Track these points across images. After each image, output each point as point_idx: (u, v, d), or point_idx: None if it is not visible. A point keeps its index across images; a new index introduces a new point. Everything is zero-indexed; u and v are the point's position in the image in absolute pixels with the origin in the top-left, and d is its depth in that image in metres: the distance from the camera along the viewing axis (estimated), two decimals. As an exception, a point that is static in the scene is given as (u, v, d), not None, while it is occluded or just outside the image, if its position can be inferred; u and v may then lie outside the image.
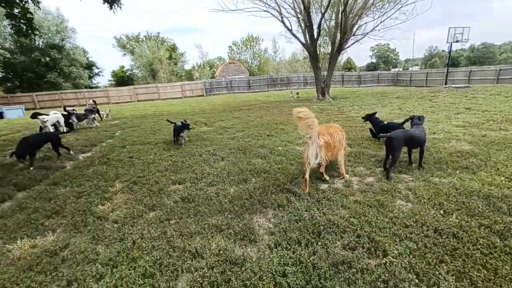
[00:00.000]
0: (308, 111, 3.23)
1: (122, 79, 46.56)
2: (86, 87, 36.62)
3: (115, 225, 2.87)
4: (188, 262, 2.18)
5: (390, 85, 32.65)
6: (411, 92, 16.64)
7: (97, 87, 41.53)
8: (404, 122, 5.13)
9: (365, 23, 15.78)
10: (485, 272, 1.86)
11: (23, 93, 29.95)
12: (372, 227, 2.51)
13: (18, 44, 29.49)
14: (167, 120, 8.29)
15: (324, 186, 3.60)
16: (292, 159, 4.79)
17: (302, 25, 16.04)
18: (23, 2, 8.12)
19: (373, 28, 15.29)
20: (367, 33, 15.50)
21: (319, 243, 2.30)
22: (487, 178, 3.41)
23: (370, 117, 6.12)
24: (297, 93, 19.87)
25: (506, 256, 2.01)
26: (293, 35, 16.58)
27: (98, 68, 42.62)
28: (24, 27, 8.31)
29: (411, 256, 2.09)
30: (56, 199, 3.61)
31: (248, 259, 2.14)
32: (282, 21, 16.04)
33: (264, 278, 1.90)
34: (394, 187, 3.41)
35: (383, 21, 14.88)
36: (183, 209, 3.14)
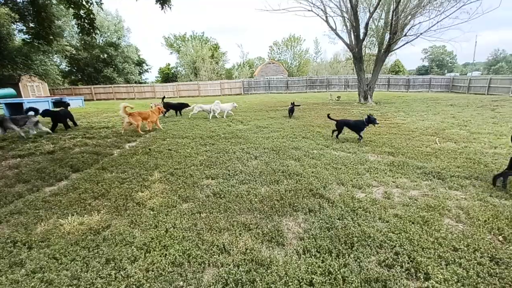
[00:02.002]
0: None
1: (167, 76, 49.69)
2: (136, 82, 39.94)
3: (151, 212, 3.03)
4: (215, 256, 2.20)
5: (443, 91, 29.67)
6: (469, 99, 14.92)
7: (145, 82, 45.00)
8: None
9: (419, 22, 14.59)
10: (558, 317, 1.55)
11: (83, 86, 33.80)
12: (413, 246, 2.27)
13: (82, 42, 33.23)
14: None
15: (361, 195, 3.38)
16: (327, 164, 4.60)
17: (348, 24, 15.37)
18: (89, 4, 9.10)
19: (428, 28, 13.99)
20: (421, 34, 14.25)
21: (352, 256, 2.15)
22: None
23: None
24: (338, 96, 18.92)
25: None
26: (337, 35, 16.00)
27: (147, 65, 46.20)
28: (87, 26, 9.31)
29: (459, 283, 1.83)
30: (103, 183, 3.96)
31: (274, 262, 2.08)
32: (327, 21, 15.57)
33: (290, 284, 1.83)
34: (443, 203, 3.06)
35: (441, 20, 13.52)
36: (214, 204, 3.20)
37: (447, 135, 6.55)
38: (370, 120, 6.00)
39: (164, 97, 13.02)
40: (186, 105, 12.31)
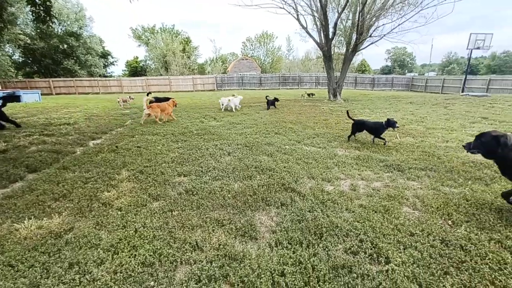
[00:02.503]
0: None
1: (135, 70, 47.23)
2: (100, 75, 37.35)
3: (119, 212, 2.90)
4: (187, 254, 2.18)
5: (404, 89, 31.92)
6: (426, 98, 16.23)
7: (111, 76, 42.28)
8: None
9: (383, 24, 15.41)
10: (493, 288, 1.79)
11: (40, 79, 30.78)
12: (375, 233, 2.45)
13: (38, 31, 30.27)
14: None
15: (330, 188, 3.55)
16: (299, 159, 4.74)
17: (318, 23, 15.82)
18: (45, -11, 8.31)
19: (391, 30, 14.92)
20: (384, 35, 15.14)
21: (321, 245, 2.27)
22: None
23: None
24: (311, 94, 18.94)
25: (516, 273, 1.93)
26: (308, 33, 16.38)
27: (113, 58, 43.39)
28: (43, 14, 8.50)
29: (415, 265, 2.03)
30: (64, 183, 3.69)
31: (247, 256, 2.12)
32: (298, 19, 15.86)
33: (263, 276, 1.88)
34: (402, 193, 3.32)
35: (402, 23, 14.49)
36: (187, 201, 3.15)
37: (406, 131, 7.08)
38: (390, 123, 5.44)
39: (149, 93, 13.11)
40: (169, 99, 13.05)
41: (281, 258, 2.08)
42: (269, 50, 54.44)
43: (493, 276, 1.90)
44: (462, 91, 20.87)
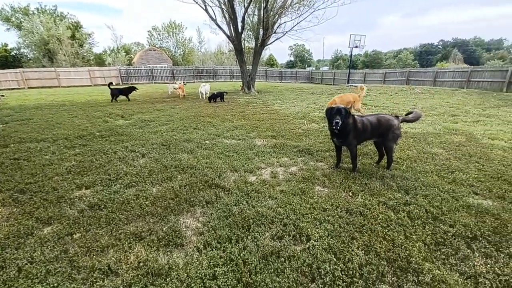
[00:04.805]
0: None
1: (5, 60, 36.47)
2: None
3: (-11, 251, 2.17)
4: (98, 283, 1.82)
5: (306, 82, 36.14)
6: (323, 89, 18.83)
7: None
8: None
9: (285, 22, 16.89)
10: (386, 243, 2.22)
11: None
12: (296, 215, 2.67)
13: None
14: None
15: (253, 178, 3.65)
16: (220, 153, 4.69)
17: (227, 16, 15.86)
18: None
19: (291, 28, 16.48)
20: (287, 32, 16.60)
21: (249, 237, 2.30)
22: (382, 163, 4.12)
23: None
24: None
25: (399, 227, 2.45)
26: (218, 26, 16.25)
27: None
28: None
29: (329, 237, 2.31)
30: None
31: (174, 267, 1.94)
32: (206, 10, 15.48)
33: (193, 285, 1.75)
34: (313, 174, 3.74)
35: (299, 22, 16.19)
36: (92, 218, 2.64)
37: (311, 118, 8.03)
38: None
39: (111, 83, 12.98)
40: (134, 88, 12.98)
41: (211, 260, 2.00)
42: (179, 41, 51.42)
43: (384, 232, 2.36)
44: (348, 83, 25.21)
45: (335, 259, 2.02)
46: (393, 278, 1.86)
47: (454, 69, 19.03)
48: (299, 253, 2.09)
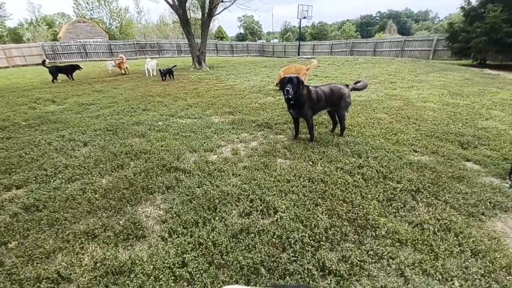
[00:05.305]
0: None
1: None
2: None
3: None
4: (47, 294, 1.59)
5: (258, 55, 35.64)
6: (275, 62, 18.79)
7: None
8: None
9: (233, -10, 15.82)
10: (346, 205, 2.37)
11: None
12: (262, 189, 2.67)
13: None
14: None
15: (214, 157, 3.52)
16: (176, 134, 4.40)
17: (167, -18, 14.24)
18: None
19: (240, -4, 15.60)
20: (235, 0, 15.71)
21: (217, 218, 2.23)
22: (336, 131, 4.34)
23: None
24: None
25: (355, 189, 2.64)
26: (158, -8, 14.54)
27: None
28: None
29: (295, 207, 2.37)
30: None
31: (137, 261, 1.78)
32: (142, -26, 13.61)
33: (161, 276, 1.64)
34: (274, 147, 3.76)
35: (248, -10, 15.39)
36: (30, 222, 2.26)
37: (267, 92, 7.99)
38: None
39: (44, 61, 11.39)
40: (78, 67, 11.43)
41: (179, 248, 1.89)
42: (113, 11, 45.17)
43: (343, 196, 2.52)
44: (298, 55, 25.60)
45: (302, 227, 2.09)
46: (355, 236, 2.01)
47: (390, 40, 20.70)
48: (268, 227, 2.11)
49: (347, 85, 4.05)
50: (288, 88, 3.40)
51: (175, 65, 11.96)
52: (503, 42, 11.90)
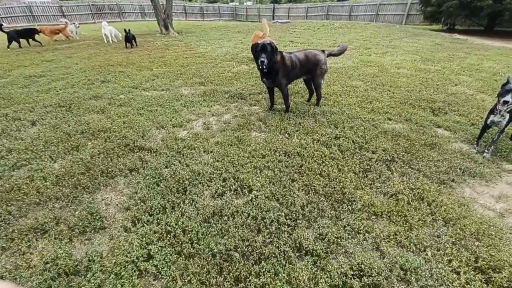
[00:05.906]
0: None
1: None
2: None
3: None
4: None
5: (230, 19, 33.38)
6: (249, 26, 17.71)
7: None
8: None
9: None
10: (322, 179, 2.29)
11: None
12: (235, 166, 2.51)
13: None
14: None
15: (183, 133, 3.24)
16: (141, 108, 4.00)
17: None
18: None
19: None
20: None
21: (186, 201, 2.06)
22: (312, 100, 4.18)
23: None
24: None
25: (332, 161, 2.56)
26: None
27: None
28: None
29: (271, 184, 2.25)
30: None
31: (95, 258, 1.58)
32: None
33: (123, 273, 1.48)
34: (248, 120, 3.55)
35: None
36: (-36, 220, 1.93)
37: (240, 59, 7.51)
38: None
39: (1, 25, 10.45)
40: (36, 31, 10.73)
41: (144, 238, 1.71)
42: (59, -36, 38.77)
43: (320, 169, 2.43)
44: (273, 19, 24.31)
45: (278, 205, 1.99)
46: (331, 212, 1.95)
47: (366, 3, 20.12)
48: (242, 207, 1.98)
49: (323, 51, 3.81)
50: (263, 59, 3.09)
51: (129, 30, 10.15)
52: (472, 6, 12.04)
